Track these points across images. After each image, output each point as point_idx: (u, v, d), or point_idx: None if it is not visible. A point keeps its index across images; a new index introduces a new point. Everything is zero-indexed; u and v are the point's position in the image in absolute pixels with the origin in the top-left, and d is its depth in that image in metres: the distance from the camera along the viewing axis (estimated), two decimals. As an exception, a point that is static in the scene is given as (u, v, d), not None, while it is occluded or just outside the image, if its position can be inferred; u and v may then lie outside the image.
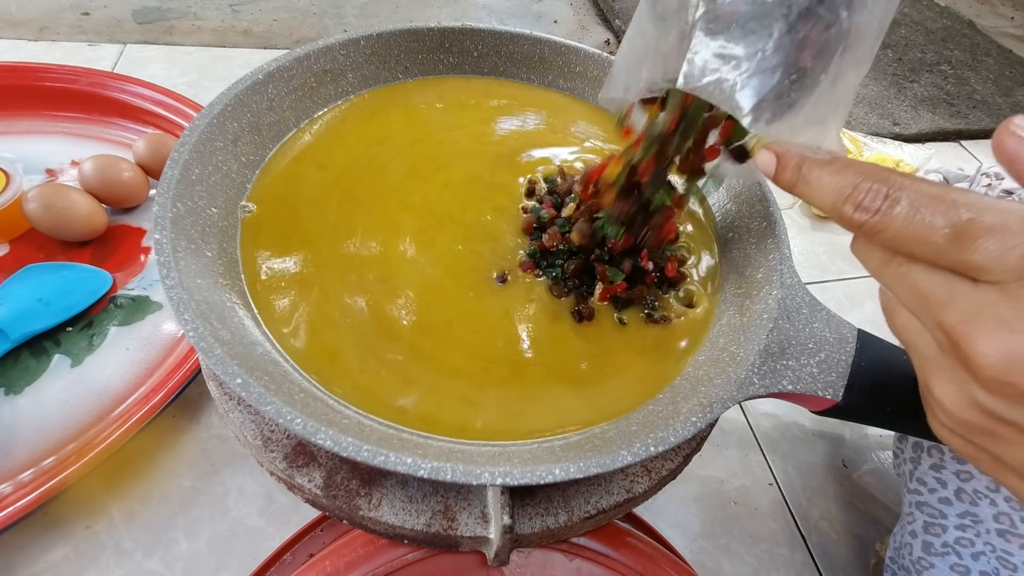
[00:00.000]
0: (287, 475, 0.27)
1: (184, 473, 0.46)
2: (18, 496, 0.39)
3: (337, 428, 0.23)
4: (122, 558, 0.42)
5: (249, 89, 0.36)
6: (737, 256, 0.37)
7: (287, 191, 0.36)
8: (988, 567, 0.36)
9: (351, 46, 0.42)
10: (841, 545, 0.52)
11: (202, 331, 0.24)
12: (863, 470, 0.57)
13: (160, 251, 0.27)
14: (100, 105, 0.66)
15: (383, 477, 0.28)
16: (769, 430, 0.59)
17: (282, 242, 0.33)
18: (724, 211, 0.39)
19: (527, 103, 0.46)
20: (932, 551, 0.39)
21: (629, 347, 0.33)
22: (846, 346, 0.30)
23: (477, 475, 0.22)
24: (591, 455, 0.24)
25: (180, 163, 0.30)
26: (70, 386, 0.47)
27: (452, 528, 0.27)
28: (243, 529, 0.45)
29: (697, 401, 0.28)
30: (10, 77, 0.65)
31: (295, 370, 0.28)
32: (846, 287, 0.77)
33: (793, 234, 0.81)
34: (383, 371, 0.29)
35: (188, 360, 0.48)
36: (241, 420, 0.29)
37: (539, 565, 0.31)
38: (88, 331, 0.50)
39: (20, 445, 0.43)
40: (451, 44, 0.46)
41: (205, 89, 0.79)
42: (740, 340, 0.31)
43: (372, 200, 0.37)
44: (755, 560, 0.50)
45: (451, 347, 0.31)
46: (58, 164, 0.62)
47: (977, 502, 0.37)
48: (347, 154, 0.39)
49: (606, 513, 0.29)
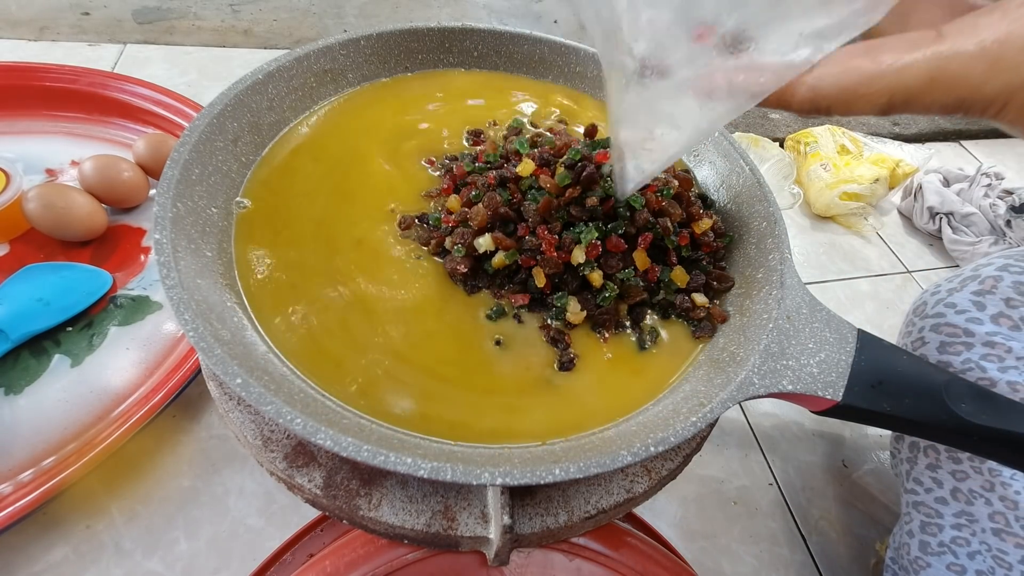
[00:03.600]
0: (287, 475, 0.27)
1: (184, 473, 0.46)
2: (18, 496, 0.39)
3: (337, 428, 0.23)
4: (122, 558, 0.42)
5: (249, 89, 0.36)
6: (737, 256, 0.37)
7: (280, 185, 0.36)
8: (984, 566, 0.36)
9: (351, 46, 0.42)
10: (841, 545, 0.52)
11: (202, 331, 0.24)
12: (863, 470, 0.57)
13: (160, 251, 0.27)
14: (100, 105, 0.67)
15: (383, 477, 0.28)
16: (769, 430, 0.59)
17: (272, 238, 0.33)
18: (724, 211, 0.39)
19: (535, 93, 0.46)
20: (929, 551, 0.39)
21: (629, 347, 0.33)
22: (846, 346, 0.30)
23: (477, 475, 0.22)
24: (591, 455, 0.24)
25: (180, 163, 0.30)
26: (70, 386, 0.47)
27: (452, 528, 0.27)
28: (243, 529, 0.45)
29: (697, 401, 0.28)
30: (10, 77, 0.65)
31: (290, 370, 0.28)
32: (846, 287, 0.77)
33: (793, 234, 0.81)
34: (376, 372, 0.29)
35: (188, 360, 0.48)
36: (241, 420, 0.29)
37: (539, 565, 0.31)
38: (88, 331, 0.50)
39: (20, 445, 0.43)
40: (451, 44, 0.46)
41: (205, 89, 0.79)
42: (740, 340, 0.31)
43: (362, 192, 0.37)
44: (755, 560, 0.50)
45: (436, 349, 0.31)
46: (58, 164, 0.62)
47: (972, 501, 0.37)
48: (340, 145, 0.39)
49: (606, 513, 0.28)
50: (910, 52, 0.17)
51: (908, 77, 0.17)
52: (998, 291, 0.39)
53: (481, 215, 0.32)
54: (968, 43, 0.16)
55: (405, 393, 0.29)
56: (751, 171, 0.38)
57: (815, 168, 0.85)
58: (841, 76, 0.18)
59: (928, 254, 0.84)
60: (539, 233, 0.31)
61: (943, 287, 0.43)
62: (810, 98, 0.19)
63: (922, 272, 0.82)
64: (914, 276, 0.81)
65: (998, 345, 0.37)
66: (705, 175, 0.42)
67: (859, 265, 0.80)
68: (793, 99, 0.19)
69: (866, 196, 0.83)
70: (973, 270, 0.41)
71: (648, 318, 0.34)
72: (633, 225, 0.32)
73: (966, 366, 0.38)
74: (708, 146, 0.42)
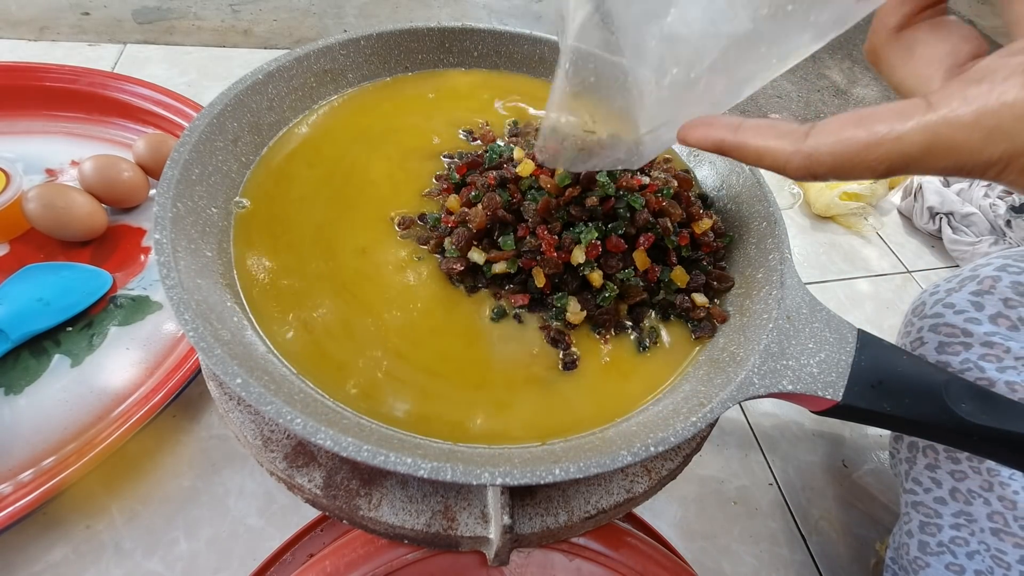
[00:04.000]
0: (287, 475, 0.27)
1: (184, 473, 0.46)
2: (18, 496, 0.39)
3: (337, 428, 0.23)
4: (122, 558, 0.42)
5: (249, 89, 0.36)
6: (737, 256, 0.37)
7: (277, 190, 0.36)
8: (982, 566, 0.36)
9: (351, 46, 0.42)
10: (841, 545, 0.52)
11: (202, 331, 0.24)
12: (863, 470, 0.57)
13: (160, 251, 0.27)
14: (100, 105, 0.66)
15: (383, 477, 0.28)
16: (769, 430, 0.59)
17: (272, 242, 0.33)
18: (724, 211, 0.39)
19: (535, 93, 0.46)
20: (928, 550, 0.39)
21: (629, 347, 0.33)
22: (846, 346, 0.30)
23: (477, 475, 0.22)
24: (591, 455, 0.24)
25: (180, 163, 0.30)
26: (70, 386, 0.47)
27: (452, 528, 0.27)
28: (243, 529, 0.45)
29: (697, 401, 0.28)
30: (10, 77, 0.65)
31: (291, 371, 0.28)
32: (846, 287, 0.77)
33: (793, 234, 0.81)
34: (377, 373, 0.29)
35: (188, 360, 0.48)
36: (241, 420, 0.29)
37: (539, 565, 0.31)
38: (88, 331, 0.50)
39: (20, 445, 0.43)
40: (451, 44, 0.46)
41: (205, 89, 0.79)
42: (740, 340, 0.31)
43: (362, 192, 0.37)
44: (755, 560, 0.50)
45: (436, 350, 0.31)
46: (58, 164, 0.62)
47: (971, 501, 0.37)
48: (340, 145, 0.39)
49: (606, 513, 0.29)
50: (903, 121, 0.17)
51: (906, 145, 0.17)
52: (996, 291, 0.39)
53: (480, 216, 0.32)
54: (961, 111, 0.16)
55: (405, 394, 0.29)
56: (751, 171, 0.38)
57: (815, 168, 0.85)
58: (836, 146, 0.18)
59: (928, 254, 0.84)
60: (539, 233, 0.31)
61: (942, 287, 0.43)
62: (806, 166, 0.19)
63: (922, 272, 0.82)
64: (914, 276, 0.81)
65: (996, 345, 0.37)
66: (705, 175, 0.42)
67: (859, 265, 0.80)
68: (788, 165, 0.20)
69: (866, 196, 0.83)
70: (971, 270, 0.41)
71: (648, 318, 0.34)
72: (633, 225, 0.32)
73: (964, 366, 0.38)
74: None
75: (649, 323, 0.34)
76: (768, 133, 0.20)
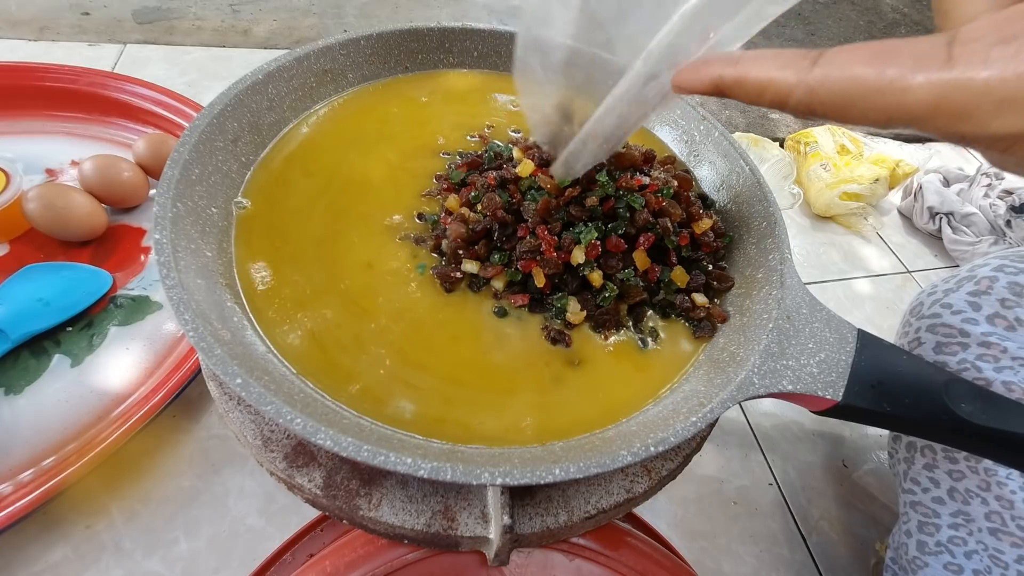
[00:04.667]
0: (287, 475, 0.27)
1: (184, 473, 0.46)
2: (18, 496, 0.39)
3: (337, 428, 0.23)
4: (122, 558, 0.42)
5: (249, 89, 0.36)
6: (737, 256, 0.37)
7: (278, 192, 0.36)
8: (980, 565, 0.36)
9: (351, 46, 0.42)
10: (841, 545, 0.52)
11: (202, 331, 0.24)
12: (863, 470, 0.57)
13: (160, 251, 0.27)
14: (100, 105, 0.67)
15: (383, 477, 0.28)
16: (769, 430, 0.59)
17: (272, 244, 0.33)
18: (724, 211, 0.39)
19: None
20: (926, 550, 0.39)
21: (629, 347, 0.33)
22: (846, 346, 0.30)
23: (477, 475, 0.22)
24: (591, 455, 0.24)
25: (180, 163, 0.30)
26: (70, 386, 0.47)
27: (452, 528, 0.27)
28: (243, 529, 0.45)
29: (697, 401, 0.28)
30: (10, 77, 0.65)
31: (290, 372, 0.28)
32: (846, 287, 0.77)
33: (793, 234, 0.81)
34: (377, 373, 0.29)
35: (188, 360, 0.48)
36: (241, 420, 0.29)
37: (539, 565, 0.31)
38: (88, 331, 0.50)
39: (20, 445, 0.43)
40: (451, 44, 0.46)
41: (205, 89, 0.79)
42: (740, 340, 0.31)
43: (363, 192, 0.37)
44: (755, 560, 0.50)
45: (437, 350, 0.31)
46: (58, 164, 0.62)
47: (969, 501, 0.37)
48: (339, 146, 0.39)
49: (606, 513, 0.29)
50: (915, 72, 0.16)
51: (910, 100, 0.16)
52: (993, 292, 0.39)
53: (459, 232, 0.33)
54: (977, 75, 0.15)
55: (406, 394, 0.29)
56: (751, 171, 0.38)
57: (815, 168, 0.85)
58: (840, 83, 0.17)
59: (928, 254, 0.84)
60: (539, 233, 0.32)
61: (939, 287, 0.43)
62: (806, 101, 0.18)
63: (922, 272, 0.82)
64: (914, 276, 0.81)
65: (993, 345, 0.37)
66: (705, 175, 0.42)
67: (859, 265, 0.80)
68: (789, 99, 0.18)
69: (866, 196, 0.83)
70: (969, 271, 0.41)
71: (648, 318, 0.34)
72: (633, 225, 0.32)
73: (962, 366, 0.38)
74: (708, 146, 0.42)
75: (649, 323, 0.34)
76: (771, 64, 0.18)
